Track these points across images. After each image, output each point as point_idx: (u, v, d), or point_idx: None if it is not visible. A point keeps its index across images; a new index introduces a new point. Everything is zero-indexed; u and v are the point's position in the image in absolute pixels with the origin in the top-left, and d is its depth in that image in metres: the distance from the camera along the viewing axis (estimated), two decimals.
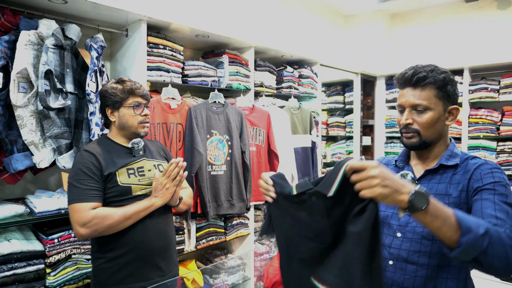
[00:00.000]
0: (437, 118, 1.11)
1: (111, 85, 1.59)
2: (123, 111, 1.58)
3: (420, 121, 1.12)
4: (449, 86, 1.11)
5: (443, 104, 1.12)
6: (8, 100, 1.59)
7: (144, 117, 1.60)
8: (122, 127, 1.59)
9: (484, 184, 1.04)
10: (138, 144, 1.61)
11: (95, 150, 1.53)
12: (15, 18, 1.67)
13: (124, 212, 1.45)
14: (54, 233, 1.75)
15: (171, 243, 1.66)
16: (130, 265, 1.50)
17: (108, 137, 1.63)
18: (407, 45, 4.26)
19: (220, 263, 2.59)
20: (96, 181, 1.47)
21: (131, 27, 2.12)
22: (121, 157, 1.56)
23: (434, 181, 1.14)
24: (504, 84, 3.58)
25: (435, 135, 1.14)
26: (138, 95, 1.59)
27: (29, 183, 1.98)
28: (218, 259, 2.66)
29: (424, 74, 1.09)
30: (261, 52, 2.94)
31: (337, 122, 4.52)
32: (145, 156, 1.63)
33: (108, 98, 1.57)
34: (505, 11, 3.64)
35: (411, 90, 1.12)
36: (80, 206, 1.42)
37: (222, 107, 2.47)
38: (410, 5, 4.11)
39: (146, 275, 1.52)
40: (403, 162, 1.25)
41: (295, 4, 3.34)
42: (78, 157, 1.51)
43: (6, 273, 1.57)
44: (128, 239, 1.50)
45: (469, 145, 3.71)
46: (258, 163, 2.70)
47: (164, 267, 1.58)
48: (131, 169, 1.56)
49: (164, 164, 1.69)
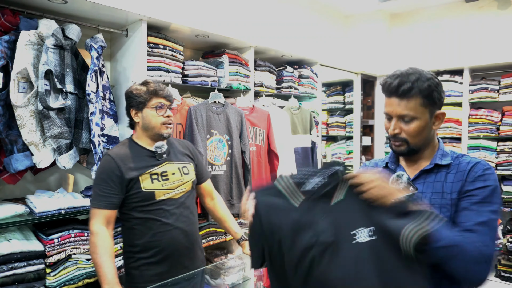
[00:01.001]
0: (424, 126, 1.12)
1: (135, 86, 1.64)
2: (147, 112, 1.61)
3: (408, 130, 1.12)
4: (435, 92, 1.10)
5: (429, 111, 1.12)
6: (8, 100, 1.59)
7: (166, 118, 1.64)
8: (145, 127, 1.63)
9: (475, 188, 1.06)
10: (161, 147, 1.64)
11: (117, 154, 1.58)
12: (15, 18, 1.67)
13: (102, 260, 1.46)
14: (54, 233, 1.75)
15: (196, 242, 1.75)
16: (159, 265, 1.59)
17: (133, 139, 1.68)
18: (407, 45, 4.26)
19: (220, 263, 2.59)
20: (113, 187, 1.54)
21: (131, 27, 2.12)
22: (145, 160, 1.61)
23: (430, 180, 1.15)
24: (504, 84, 3.57)
25: (423, 141, 1.15)
26: (161, 96, 1.62)
27: (29, 183, 1.98)
28: (218, 259, 2.66)
29: (409, 85, 1.08)
30: (261, 52, 2.94)
31: (337, 122, 4.52)
32: (169, 159, 1.68)
33: (132, 99, 1.62)
34: (505, 11, 3.64)
35: (396, 100, 1.11)
36: (94, 211, 1.53)
37: (222, 107, 2.47)
38: (410, 5, 4.11)
39: (175, 273, 1.60)
40: (394, 164, 1.26)
41: (295, 4, 3.34)
42: (102, 162, 1.60)
43: (6, 273, 1.57)
44: (155, 242, 1.59)
45: (469, 145, 3.71)
46: (258, 163, 2.70)
47: (190, 266, 1.67)
48: (154, 174, 1.61)
49: (188, 165, 1.74)
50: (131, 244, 1.62)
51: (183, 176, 1.69)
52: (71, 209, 1.78)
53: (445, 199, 1.10)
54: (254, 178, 2.62)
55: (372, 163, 1.34)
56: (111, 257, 1.47)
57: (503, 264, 3.34)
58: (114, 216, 1.56)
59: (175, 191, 1.64)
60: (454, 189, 1.10)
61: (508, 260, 3.29)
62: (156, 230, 1.59)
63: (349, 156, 4.32)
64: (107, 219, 1.53)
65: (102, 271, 1.42)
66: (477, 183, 1.07)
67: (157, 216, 1.60)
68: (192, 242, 1.70)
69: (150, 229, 1.59)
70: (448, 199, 1.09)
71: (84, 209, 1.83)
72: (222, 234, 2.58)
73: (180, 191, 1.67)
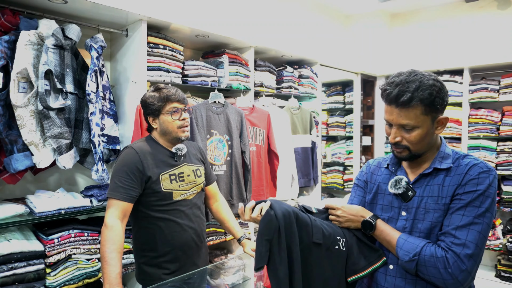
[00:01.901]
0: (426, 133, 1.10)
1: (149, 94, 1.67)
2: (163, 118, 1.65)
3: (409, 138, 1.11)
4: (437, 99, 1.06)
5: (431, 118, 1.09)
6: (8, 100, 1.59)
7: (182, 121, 1.67)
8: (163, 132, 1.67)
9: (464, 192, 1.05)
10: (182, 150, 1.69)
11: (140, 149, 1.61)
12: (15, 18, 1.67)
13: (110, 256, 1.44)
14: (54, 233, 1.75)
15: (205, 240, 1.81)
16: (171, 263, 1.64)
17: (154, 138, 1.70)
18: (407, 45, 4.26)
19: (220, 263, 2.59)
20: (133, 181, 1.55)
21: (131, 27, 2.12)
22: (164, 160, 1.65)
23: (429, 184, 1.14)
24: (504, 84, 3.57)
25: (425, 147, 1.14)
26: (174, 100, 1.65)
27: (29, 183, 1.98)
28: (218, 259, 2.66)
29: (409, 96, 1.04)
30: (261, 52, 2.94)
31: (337, 122, 4.52)
32: (186, 162, 1.73)
33: (148, 108, 1.66)
34: (505, 11, 3.64)
35: (396, 109, 1.08)
36: (112, 202, 1.53)
37: (222, 107, 2.47)
38: (410, 5, 4.11)
39: (185, 271, 1.66)
40: (395, 165, 1.25)
41: (295, 4, 3.34)
42: (124, 154, 1.61)
43: (6, 273, 1.58)
44: (169, 242, 1.63)
45: (469, 145, 3.71)
46: (258, 163, 2.70)
47: (199, 262, 1.74)
48: (173, 174, 1.65)
49: (201, 168, 1.80)
50: (145, 242, 1.65)
51: (196, 178, 1.74)
52: (71, 209, 1.78)
53: (439, 204, 1.09)
54: (254, 178, 2.62)
55: (376, 162, 1.34)
56: (119, 254, 1.48)
57: (503, 264, 3.34)
58: (129, 211, 1.58)
59: (189, 192, 1.70)
60: (449, 193, 1.08)
61: (508, 260, 3.29)
62: (171, 230, 1.63)
63: (349, 156, 4.32)
64: (124, 212, 1.55)
65: (107, 269, 1.43)
66: (467, 186, 1.05)
67: (173, 217, 1.64)
68: (202, 240, 1.76)
69: (166, 229, 1.62)
70: (442, 204, 1.09)
71: (84, 209, 1.83)
72: (222, 234, 2.58)
73: (193, 192, 1.72)
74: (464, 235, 1.01)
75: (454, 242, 1.01)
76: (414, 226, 1.12)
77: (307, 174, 3.19)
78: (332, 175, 4.50)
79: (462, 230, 1.01)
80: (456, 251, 1.00)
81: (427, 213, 1.10)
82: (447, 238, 1.04)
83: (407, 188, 1.14)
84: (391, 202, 1.20)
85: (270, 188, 2.82)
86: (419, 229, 1.11)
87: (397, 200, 1.18)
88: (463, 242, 1.00)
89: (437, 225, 1.08)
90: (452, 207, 1.06)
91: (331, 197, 4.44)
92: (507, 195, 3.44)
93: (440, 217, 1.08)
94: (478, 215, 1.02)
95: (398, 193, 1.16)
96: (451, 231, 1.03)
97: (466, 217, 1.02)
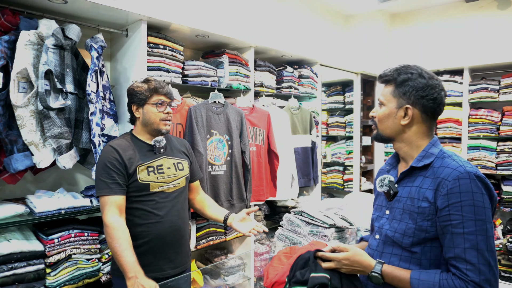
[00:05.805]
0: (388, 114, 1.16)
1: (137, 84, 1.70)
2: (147, 108, 1.67)
3: (378, 114, 1.20)
4: (408, 86, 1.12)
5: (397, 102, 1.14)
6: (8, 100, 1.59)
7: (166, 114, 1.70)
8: (145, 123, 1.69)
9: (450, 204, 1.01)
10: (160, 142, 1.70)
11: (119, 145, 1.63)
12: (15, 18, 1.67)
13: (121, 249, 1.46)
14: (54, 233, 1.75)
15: (184, 238, 1.78)
16: (144, 256, 1.60)
17: (133, 133, 1.73)
18: (407, 45, 4.26)
19: (220, 263, 2.59)
20: (117, 173, 1.57)
21: (131, 27, 2.12)
22: (143, 154, 1.67)
23: (410, 184, 1.14)
24: (504, 84, 3.58)
25: (388, 130, 1.18)
26: (161, 93, 1.69)
27: (29, 183, 1.98)
28: (218, 259, 2.67)
29: (388, 73, 1.17)
30: (261, 52, 2.94)
31: (337, 122, 4.52)
32: (166, 154, 1.74)
33: (134, 96, 1.68)
34: (505, 11, 3.64)
35: (381, 86, 1.21)
36: (105, 200, 1.54)
37: (222, 107, 2.47)
38: (410, 5, 4.11)
39: (159, 266, 1.65)
40: (390, 165, 1.28)
41: (295, 4, 3.34)
42: (103, 152, 1.63)
43: (6, 273, 1.58)
44: (144, 233, 1.62)
45: (469, 145, 3.71)
46: (258, 163, 2.70)
47: (176, 260, 1.71)
48: (151, 166, 1.66)
49: (183, 162, 1.80)
50: None
51: (177, 171, 1.74)
52: (71, 209, 1.78)
53: (414, 206, 1.08)
54: (254, 178, 2.62)
55: (381, 167, 1.36)
56: (130, 245, 1.49)
57: (503, 264, 3.34)
58: (124, 204, 1.58)
59: (169, 185, 1.69)
60: (426, 196, 1.06)
61: (508, 260, 3.29)
62: (146, 220, 1.63)
63: (349, 156, 4.32)
64: (119, 207, 1.55)
65: (123, 260, 1.43)
66: (451, 197, 1.01)
67: (149, 207, 1.64)
68: (179, 237, 1.73)
69: (140, 219, 1.63)
70: (416, 206, 1.08)
71: (84, 209, 1.83)
72: (222, 234, 2.58)
73: (174, 186, 1.72)
74: (475, 258, 0.98)
75: (468, 269, 0.98)
76: (392, 226, 1.15)
77: (307, 174, 3.19)
78: (332, 175, 4.50)
79: (471, 252, 0.98)
80: (475, 281, 0.97)
81: (405, 214, 1.11)
82: (460, 264, 1.00)
83: (390, 187, 1.16)
84: (382, 202, 1.24)
85: (270, 188, 2.82)
86: (395, 229, 1.13)
87: (385, 199, 1.22)
88: (477, 267, 0.98)
89: (412, 227, 1.08)
90: (445, 225, 1.02)
91: (331, 197, 4.43)
92: (507, 195, 3.44)
93: (412, 223, 1.08)
94: (479, 229, 0.99)
95: (383, 191, 1.19)
96: (460, 254, 0.99)
97: (468, 236, 0.99)
